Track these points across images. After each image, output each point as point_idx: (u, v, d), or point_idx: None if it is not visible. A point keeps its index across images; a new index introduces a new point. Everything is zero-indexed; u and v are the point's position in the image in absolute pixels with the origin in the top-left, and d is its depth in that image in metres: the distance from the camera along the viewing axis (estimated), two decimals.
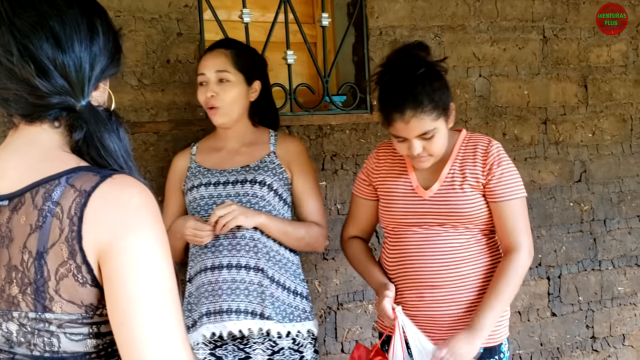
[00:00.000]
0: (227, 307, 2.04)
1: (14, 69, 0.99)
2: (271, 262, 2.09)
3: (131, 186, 1.00)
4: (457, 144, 2.01)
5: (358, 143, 2.82)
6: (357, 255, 2.17)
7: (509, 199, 1.94)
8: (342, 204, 2.80)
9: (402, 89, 1.89)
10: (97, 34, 1.05)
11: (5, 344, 1.00)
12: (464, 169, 1.97)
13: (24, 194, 0.99)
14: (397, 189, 2.04)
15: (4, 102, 1.04)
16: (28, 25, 0.99)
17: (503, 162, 1.96)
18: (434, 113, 1.87)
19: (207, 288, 2.07)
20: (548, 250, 3.21)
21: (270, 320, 2.04)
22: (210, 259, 2.08)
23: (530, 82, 3.14)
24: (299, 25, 2.70)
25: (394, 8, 2.85)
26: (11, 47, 0.98)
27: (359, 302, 2.86)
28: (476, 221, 1.96)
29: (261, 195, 2.09)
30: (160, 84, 2.47)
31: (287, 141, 2.22)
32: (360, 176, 2.17)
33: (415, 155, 1.92)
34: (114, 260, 0.95)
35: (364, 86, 2.83)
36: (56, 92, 1.01)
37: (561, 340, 3.28)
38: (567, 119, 3.23)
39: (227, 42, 2.21)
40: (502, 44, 3.07)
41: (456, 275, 1.95)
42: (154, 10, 2.45)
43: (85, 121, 1.02)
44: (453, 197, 1.95)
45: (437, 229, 1.96)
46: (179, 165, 2.24)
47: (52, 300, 0.96)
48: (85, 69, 1.03)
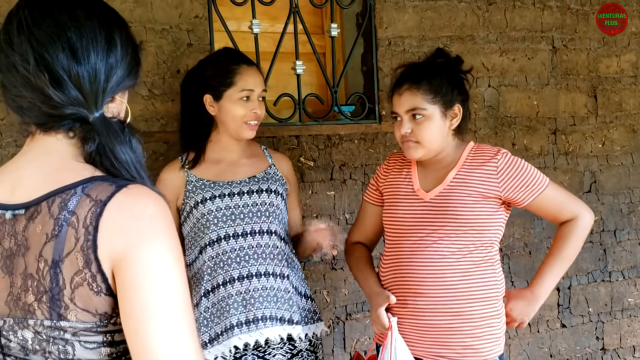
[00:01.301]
0: (261, 315, 2.05)
1: (29, 77, 1.00)
2: (290, 268, 2.14)
3: (146, 196, 1.00)
4: (464, 153, 2.00)
5: (367, 153, 2.82)
6: (357, 260, 2.17)
7: (538, 194, 1.95)
8: (350, 213, 2.80)
9: (409, 68, 2.01)
10: (115, 46, 1.06)
11: (21, 351, 1.00)
12: (471, 178, 1.95)
13: (40, 203, 1.00)
14: (399, 191, 2.05)
15: (19, 109, 1.05)
16: (46, 35, 1.00)
17: (514, 166, 1.94)
18: (430, 95, 1.91)
19: (236, 299, 2.05)
20: None
21: (298, 325, 2.10)
22: (236, 270, 2.06)
23: (539, 92, 3.14)
24: (308, 36, 2.71)
25: (402, 18, 2.86)
26: (28, 56, 0.99)
27: (367, 312, 2.85)
28: (472, 228, 1.91)
29: (277, 204, 2.14)
30: (171, 94, 2.48)
31: (279, 155, 2.32)
32: (370, 182, 2.20)
33: (402, 134, 1.95)
34: (128, 269, 0.95)
35: None
36: (69, 102, 1.01)
37: (571, 352, 3.25)
38: (576, 129, 3.22)
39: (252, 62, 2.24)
40: (511, 54, 3.08)
41: (442, 284, 1.91)
42: (165, 21, 2.46)
43: (98, 133, 1.03)
44: (453, 202, 1.93)
45: (432, 237, 1.93)
46: (171, 180, 2.14)
47: (67, 308, 0.97)
48: (100, 80, 1.03)
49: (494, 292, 1.95)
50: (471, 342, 1.91)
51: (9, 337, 1.00)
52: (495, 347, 1.95)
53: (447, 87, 1.94)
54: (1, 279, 1.01)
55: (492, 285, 1.95)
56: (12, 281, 1.00)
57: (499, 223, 1.96)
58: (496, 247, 1.99)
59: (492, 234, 1.95)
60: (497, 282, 1.97)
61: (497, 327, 1.96)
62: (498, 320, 1.96)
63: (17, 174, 1.05)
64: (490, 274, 1.95)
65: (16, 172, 1.06)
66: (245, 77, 2.13)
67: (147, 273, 0.95)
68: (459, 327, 1.91)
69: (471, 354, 1.91)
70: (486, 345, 1.93)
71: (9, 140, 2.29)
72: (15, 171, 1.06)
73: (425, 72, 1.96)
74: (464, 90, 2.01)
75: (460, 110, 1.98)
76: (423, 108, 1.92)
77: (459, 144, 2.03)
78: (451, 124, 1.97)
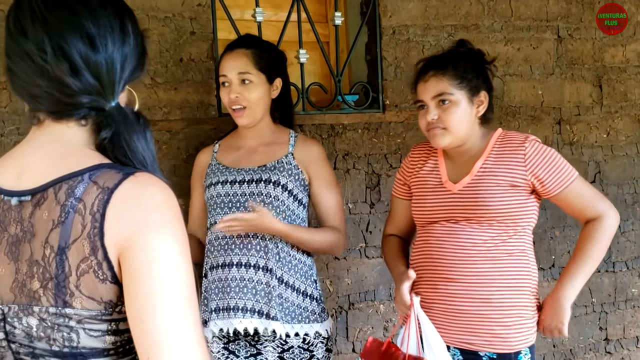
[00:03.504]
0: (234, 305, 2.05)
1: (46, 67, 0.99)
2: (281, 263, 2.08)
3: (153, 184, 1.00)
4: (491, 141, 1.98)
5: (370, 142, 2.81)
6: (388, 251, 2.17)
7: (566, 186, 1.92)
8: (353, 203, 2.79)
9: (433, 58, 2.01)
10: (129, 35, 1.06)
11: (25, 338, 1.00)
12: (499, 166, 1.93)
13: (47, 189, 0.99)
14: (427, 183, 2.04)
15: (32, 98, 1.04)
16: (62, 23, 0.99)
17: (543, 155, 1.92)
18: (456, 81, 1.91)
19: (218, 285, 2.09)
20: (562, 252, 3.18)
21: (276, 320, 2.04)
22: (222, 256, 2.09)
23: (544, 82, 3.12)
24: (312, 24, 2.69)
25: (407, 7, 2.84)
26: (45, 45, 0.98)
27: (370, 302, 2.85)
28: (504, 218, 1.90)
29: (275, 195, 2.09)
30: (173, 82, 2.47)
31: (307, 144, 2.21)
32: (397, 176, 2.19)
33: (429, 121, 1.93)
34: (134, 257, 0.95)
35: None
36: (87, 91, 1.01)
37: (574, 342, 3.25)
38: (581, 119, 3.20)
39: (247, 41, 2.19)
40: (516, 44, 3.06)
41: (472, 270, 1.91)
42: (168, 9, 2.45)
43: (114, 121, 1.03)
44: (482, 192, 1.92)
45: (462, 224, 1.93)
46: (200, 162, 2.29)
47: (72, 295, 0.96)
48: (116, 69, 1.04)
49: (526, 282, 1.94)
50: (500, 330, 1.90)
51: (14, 323, 1.00)
52: (525, 338, 1.94)
53: (473, 74, 1.94)
54: (7, 265, 1.00)
55: (524, 275, 1.93)
56: (18, 268, 0.99)
57: (531, 211, 1.95)
58: (529, 236, 1.98)
59: (525, 222, 1.94)
60: (530, 271, 1.96)
61: (528, 318, 1.94)
62: (530, 311, 1.95)
63: (23, 161, 1.05)
64: (523, 263, 1.94)
65: (22, 159, 1.05)
66: (222, 62, 2.16)
67: (152, 261, 0.95)
68: (488, 315, 1.90)
69: (499, 342, 1.90)
70: (516, 335, 1.91)
71: (12, 129, 2.28)
72: (21, 158, 1.05)
73: (450, 59, 1.97)
74: (488, 79, 2.01)
75: (487, 97, 1.97)
76: (450, 93, 1.91)
77: (485, 133, 2.01)
78: (477, 111, 1.96)
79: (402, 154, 2.85)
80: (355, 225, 2.81)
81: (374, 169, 2.83)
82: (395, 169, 2.85)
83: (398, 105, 2.84)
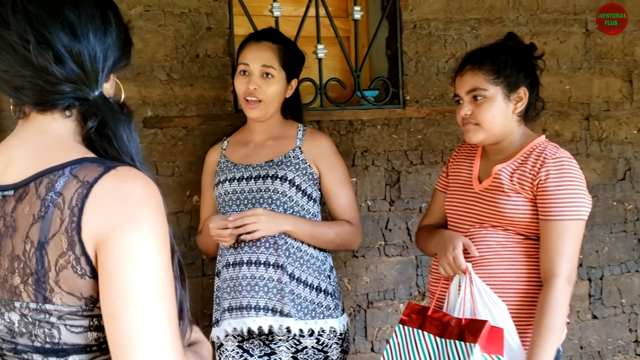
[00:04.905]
0: (246, 304, 2.03)
1: (29, 56, 0.99)
2: (292, 259, 2.06)
3: (134, 179, 0.99)
4: (527, 146, 1.90)
5: (390, 139, 2.77)
6: (424, 230, 2.13)
7: (557, 219, 1.79)
8: (372, 200, 2.75)
9: (475, 51, 1.98)
10: (111, 25, 1.06)
11: (8, 334, 0.99)
12: (517, 173, 1.87)
13: (29, 183, 0.99)
14: (459, 178, 2.03)
15: (15, 90, 1.04)
16: (44, 13, 0.99)
17: (561, 177, 1.81)
18: (492, 76, 1.86)
19: (229, 284, 2.07)
20: (590, 251, 3.10)
21: (290, 317, 2.02)
22: (232, 255, 2.07)
23: (572, 76, 3.04)
24: (330, 18, 2.66)
25: (428, 1, 2.79)
26: (28, 35, 0.98)
27: (389, 300, 2.81)
28: (519, 223, 1.86)
29: (282, 191, 2.07)
30: (189, 78, 2.47)
31: (315, 137, 2.18)
32: (443, 169, 2.18)
33: (462, 116, 1.90)
34: (109, 252, 0.94)
35: None
36: (71, 79, 1.01)
37: (602, 344, 3.16)
38: (610, 114, 3.11)
39: (274, 35, 2.17)
40: (542, 38, 2.97)
41: (488, 274, 1.87)
42: (184, 4, 2.44)
43: (100, 110, 1.03)
44: (497, 196, 1.88)
45: (478, 227, 1.90)
46: (210, 160, 2.27)
47: (52, 291, 0.96)
48: (99, 59, 1.04)
49: None
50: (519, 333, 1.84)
51: None
52: None
53: (512, 69, 1.88)
54: None
55: None
56: (0, 263, 0.99)
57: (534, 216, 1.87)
58: None
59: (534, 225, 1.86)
60: None
61: None
62: None
63: (9, 155, 1.04)
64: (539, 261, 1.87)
65: (8, 153, 1.05)
66: (246, 51, 2.13)
67: (127, 256, 0.93)
68: None
69: None
70: None
71: None
72: (7, 152, 1.05)
73: (490, 53, 1.92)
74: (532, 74, 1.93)
75: (526, 94, 1.90)
76: (484, 89, 1.87)
77: (526, 134, 1.95)
78: (515, 107, 1.90)
79: (422, 151, 2.81)
80: (375, 223, 2.77)
81: (394, 166, 2.78)
82: (416, 166, 2.81)
83: (419, 100, 2.79)
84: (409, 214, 2.81)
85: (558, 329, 1.80)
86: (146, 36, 2.40)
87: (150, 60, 2.41)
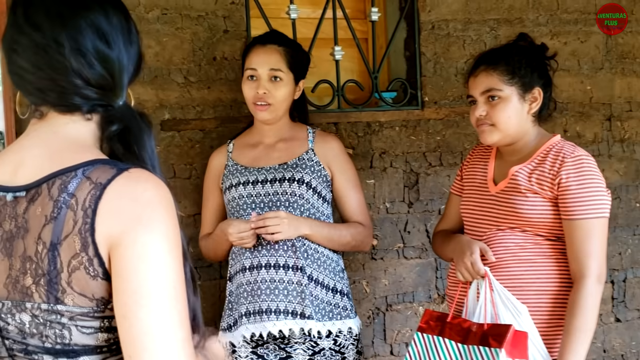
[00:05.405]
0: (266, 307, 2.02)
1: (62, 60, 1.00)
2: (310, 260, 2.06)
3: (146, 180, 0.99)
4: (543, 146, 1.89)
5: (408, 140, 2.75)
6: (441, 235, 2.12)
7: (582, 218, 1.78)
8: (391, 202, 2.74)
9: (487, 52, 1.98)
10: (134, 34, 1.10)
11: (18, 334, 1.00)
12: (535, 173, 1.85)
13: (41, 185, 0.99)
14: (474, 180, 2.01)
15: (39, 92, 1.04)
16: (78, 18, 1.01)
17: (582, 176, 1.80)
18: (507, 76, 1.85)
19: (246, 288, 2.05)
20: (612, 253, 3.04)
21: (311, 319, 2.01)
22: (249, 259, 2.06)
23: (593, 77, 3.00)
24: (347, 20, 2.66)
25: (447, 1, 2.77)
26: (62, 39, 1.00)
27: (408, 303, 2.79)
28: (536, 226, 1.84)
29: (300, 194, 2.07)
30: (207, 81, 2.48)
31: (326, 139, 2.19)
32: (457, 172, 2.17)
33: (477, 117, 1.89)
34: (122, 253, 0.94)
35: None
36: (100, 85, 1.03)
37: (626, 347, 3.11)
38: (633, 115, 3.06)
39: (278, 38, 2.18)
40: (562, 38, 2.94)
41: (507, 275, 1.85)
42: (201, 7, 2.46)
43: (125, 117, 1.05)
44: (514, 198, 1.86)
45: (495, 229, 1.89)
46: (215, 164, 2.25)
47: (64, 292, 0.96)
48: (126, 67, 1.07)
49: (565, 285, 1.84)
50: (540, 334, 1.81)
51: (7, 320, 1.00)
52: None
53: (527, 69, 1.87)
54: (0, 261, 1.00)
55: (563, 278, 1.84)
56: (11, 264, 0.99)
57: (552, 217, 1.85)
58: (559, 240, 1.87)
59: (553, 226, 1.85)
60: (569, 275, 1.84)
61: None
62: None
63: (21, 155, 1.05)
64: (562, 266, 1.85)
65: (20, 153, 1.05)
66: (252, 55, 2.13)
67: (140, 258, 0.94)
68: None
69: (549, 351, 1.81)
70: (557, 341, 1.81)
71: None
72: (19, 152, 1.06)
73: (503, 53, 1.92)
74: (545, 74, 1.93)
75: (541, 94, 1.89)
76: (499, 89, 1.86)
77: (541, 134, 1.94)
78: (530, 108, 1.89)
79: (441, 152, 2.79)
80: (393, 225, 2.76)
81: (412, 168, 2.77)
82: (435, 168, 2.79)
83: (437, 102, 2.77)
84: (428, 216, 2.79)
85: (589, 329, 1.78)
86: (163, 39, 2.41)
87: (167, 63, 2.43)
